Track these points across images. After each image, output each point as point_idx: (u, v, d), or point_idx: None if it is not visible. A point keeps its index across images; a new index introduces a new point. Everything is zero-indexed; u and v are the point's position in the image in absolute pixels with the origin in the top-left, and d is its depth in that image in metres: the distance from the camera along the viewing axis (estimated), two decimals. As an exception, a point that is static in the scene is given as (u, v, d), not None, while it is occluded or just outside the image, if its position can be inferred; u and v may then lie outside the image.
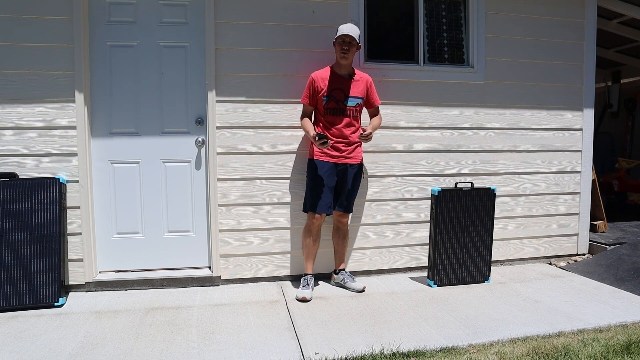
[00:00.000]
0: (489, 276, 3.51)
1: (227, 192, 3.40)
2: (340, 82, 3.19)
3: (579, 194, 4.09)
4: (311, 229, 3.25)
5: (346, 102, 3.19)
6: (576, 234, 4.12)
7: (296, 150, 3.48)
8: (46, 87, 3.12)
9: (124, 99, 3.33)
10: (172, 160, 3.43)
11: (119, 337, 2.52)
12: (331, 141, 3.09)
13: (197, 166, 3.46)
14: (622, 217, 5.34)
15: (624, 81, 7.22)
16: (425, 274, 3.65)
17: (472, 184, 3.52)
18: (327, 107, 3.17)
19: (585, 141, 4.07)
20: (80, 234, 3.22)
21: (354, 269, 3.61)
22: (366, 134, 3.10)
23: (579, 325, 2.68)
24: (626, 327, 2.65)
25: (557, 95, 3.98)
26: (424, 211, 3.70)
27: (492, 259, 3.64)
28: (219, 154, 3.37)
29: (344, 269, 3.40)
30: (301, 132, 3.42)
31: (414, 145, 3.69)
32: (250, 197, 3.43)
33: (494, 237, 3.64)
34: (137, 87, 3.34)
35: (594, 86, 4.08)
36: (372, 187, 3.63)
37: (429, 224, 3.48)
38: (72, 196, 3.19)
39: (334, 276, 3.42)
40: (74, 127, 3.17)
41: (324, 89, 3.16)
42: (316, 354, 2.33)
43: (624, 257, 3.78)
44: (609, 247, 4.02)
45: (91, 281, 3.26)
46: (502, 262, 3.97)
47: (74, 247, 3.22)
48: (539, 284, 3.44)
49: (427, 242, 3.60)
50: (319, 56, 3.43)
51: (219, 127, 3.36)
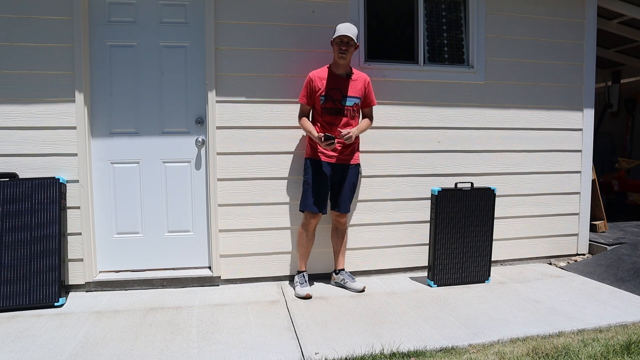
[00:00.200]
0: (489, 276, 3.51)
1: (227, 192, 3.40)
2: (338, 82, 3.19)
3: (579, 194, 4.09)
4: (308, 228, 3.25)
5: (344, 102, 3.19)
6: (576, 234, 4.12)
7: (293, 150, 3.48)
8: (46, 87, 3.12)
9: (124, 99, 3.33)
10: (172, 160, 3.43)
11: (119, 337, 2.52)
12: (336, 142, 3.10)
13: (197, 166, 3.46)
14: (622, 217, 5.34)
15: (624, 81, 7.22)
16: (425, 274, 3.65)
17: (472, 184, 3.52)
18: (325, 106, 3.17)
19: (585, 141, 4.07)
20: (80, 234, 3.22)
21: (354, 269, 3.61)
22: (345, 134, 3.04)
23: (579, 325, 2.68)
24: (626, 327, 2.65)
25: (557, 95, 3.98)
26: (424, 211, 3.70)
27: (492, 259, 3.64)
28: (219, 154, 3.37)
29: (343, 269, 3.40)
30: (301, 132, 3.42)
31: (414, 145, 3.69)
32: (250, 197, 3.43)
33: (494, 237, 3.63)
34: (137, 87, 3.34)
35: (594, 86, 4.08)
36: (372, 187, 3.63)
37: (429, 224, 3.48)
38: (72, 196, 3.19)
39: (334, 276, 3.42)
40: (74, 127, 3.17)
41: (321, 89, 3.15)
42: (316, 354, 2.33)
43: (624, 257, 3.78)
44: (609, 247, 4.02)
45: (91, 281, 3.26)
46: (502, 262, 3.97)
47: (74, 247, 3.22)
48: (539, 284, 3.44)
49: (427, 242, 3.60)
50: (319, 56, 3.43)
51: (219, 127, 3.36)
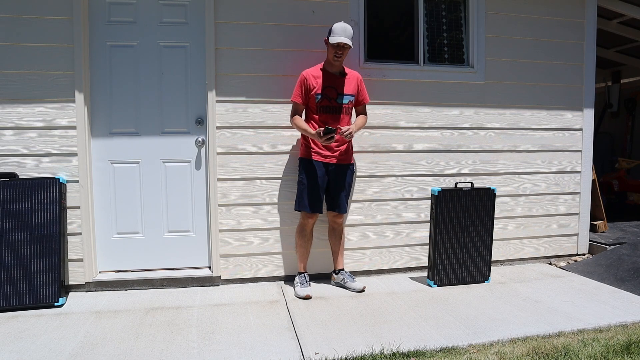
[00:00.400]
0: (489, 276, 3.51)
1: (227, 192, 3.40)
2: (333, 80, 3.18)
3: (579, 194, 4.09)
4: (305, 228, 3.26)
5: (339, 100, 3.19)
6: (576, 234, 4.12)
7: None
8: (46, 87, 3.12)
9: (124, 99, 3.33)
10: (172, 160, 3.43)
11: (119, 337, 2.52)
12: (337, 136, 3.06)
13: (197, 166, 3.46)
14: (622, 217, 5.34)
15: (624, 81, 7.22)
16: (425, 274, 3.65)
17: (472, 184, 3.52)
18: (321, 105, 3.16)
19: (585, 141, 4.07)
20: (80, 234, 3.22)
21: (354, 269, 3.61)
22: (345, 130, 3.04)
23: (579, 325, 2.68)
24: (626, 327, 2.65)
25: (557, 95, 3.98)
26: (424, 211, 3.70)
27: (492, 259, 3.63)
28: (219, 154, 3.37)
29: (343, 269, 3.40)
30: (301, 132, 3.43)
31: (414, 145, 3.69)
32: (250, 197, 3.43)
33: (494, 237, 3.63)
34: (137, 87, 3.34)
35: (594, 86, 4.07)
36: (372, 187, 3.63)
37: (429, 224, 3.48)
38: (72, 196, 3.19)
39: (334, 276, 3.42)
40: (74, 127, 3.17)
41: (316, 87, 3.14)
42: (316, 354, 2.33)
43: (624, 257, 3.78)
44: (609, 247, 4.02)
45: (91, 281, 3.26)
46: (502, 262, 3.97)
47: (74, 247, 3.22)
48: (539, 284, 3.44)
49: (427, 242, 3.60)
50: (318, 56, 3.42)
51: (219, 127, 3.36)
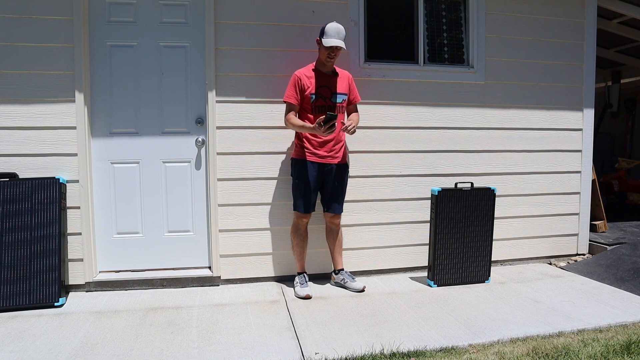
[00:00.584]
0: (489, 276, 3.51)
1: (227, 192, 3.40)
2: (326, 80, 3.18)
3: (579, 194, 4.09)
4: (299, 227, 3.26)
5: (334, 99, 3.18)
6: (576, 234, 4.12)
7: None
8: (46, 87, 3.12)
9: (124, 99, 3.33)
10: (172, 160, 3.43)
11: (119, 337, 2.52)
12: (337, 123, 2.99)
13: (197, 166, 3.46)
14: (622, 217, 5.34)
15: (624, 81, 7.22)
16: (425, 274, 3.65)
17: (472, 184, 3.52)
18: (316, 104, 3.14)
19: (585, 141, 4.07)
20: (80, 234, 3.22)
21: (354, 269, 3.61)
22: (351, 127, 3.01)
23: (579, 325, 2.68)
24: (626, 327, 2.65)
25: (557, 95, 3.98)
26: (424, 211, 3.70)
27: (492, 259, 3.63)
28: (219, 154, 3.37)
29: (343, 269, 3.40)
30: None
31: (414, 145, 3.69)
32: (250, 197, 3.43)
33: (494, 237, 3.63)
34: (137, 87, 3.34)
35: (594, 86, 4.07)
36: (372, 187, 3.63)
37: (429, 224, 3.48)
38: (72, 196, 3.19)
39: (334, 276, 3.42)
40: (74, 127, 3.17)
41: (310, 87, 3.12)
42: (316, 354, 2.33)
43: (624, 257, 3.78)
44: (609, 247, 4.02)
45: (91, 281, 3.26)
46: (502, 262, 3.97)
47: (74, 247, 3.22)
48: (539, 284, 3.44)
49: (427, 242, 3.60)
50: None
51: (219, 127, 3.36)
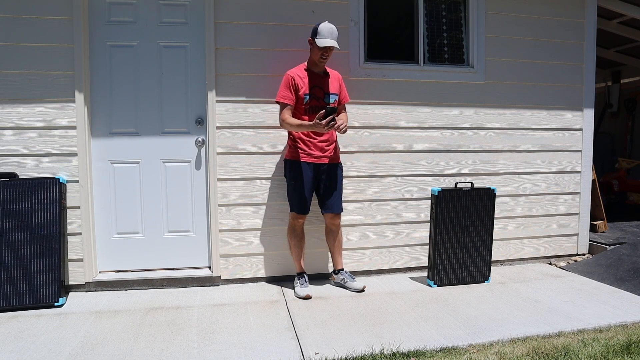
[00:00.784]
0: (489, 276, 3.51)
1: (227, 192, 3.40)
2: (319, 80, 3.17)
3: (579, 194, 4.09)
4: (295, 228, 3.26)
5: (326, 99, 3.18)
6: (576, 234, 4.12)
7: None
8: (46, 87, 3.12)
9: (124, 99, 3.33)
10: (172, 160, 3.43)
11: (119, 337, 2.52)
12: (336, 117, 2.96)
13: (197, 166, 3.46)
14: (622, 217, 5.34)
15: (624, 81, 7.22)
16: (425, 274, 3.65)
17: (472, 184, 3.52)
18: (311, 105, 3.13)
19: (585, 141, 4.07)
20: (80, 234, 3.22)
21: (354, 269, 3.61)
22: (343, 126, 2.97)
23: (579, 325, 2.68)
24: (626, 327, 2.65)
25: (557, 95, 3.98)
26: (424, 211, 3.70)
27: (492, 259, 3.63)
28: (219, 154, 3.37)
29: (343, 269, 3.40)
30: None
31: (414, 145, 3.69)
32: (250, 197, 3.43)
33: (494, 237, 3.63)
34: (137, 87, 3.34)
35: (594, 86, 4.07)
36: (372, 187, 3.63)
37: (429, 224, 3.48)
38: (72, 196, 3.19)
39: (334, 276, 3.42)
40: (74, 127, 3.17)
41: (304, 87, 3.11)
42: (316, 354, 2.33)
43: (624, 257, 3.78)
44: (609, 247, 4.02)
45: (91, 281, 3.26)
46: (502, 262, 3.97)
47: (74, 247, 3.22)
48: (539, 284, 3.44)
49: (427, 242, 3.60)
50: (319, 56, 3.43)
51: (219, 127, 3.36)
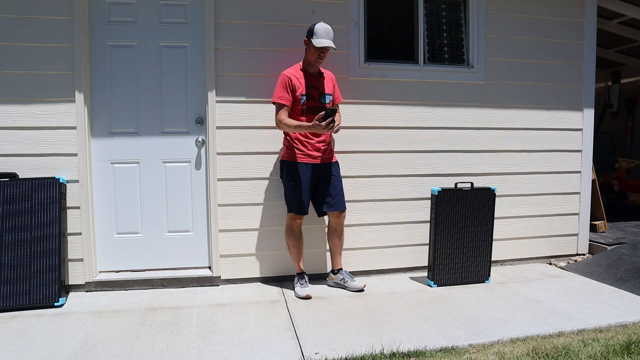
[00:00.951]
0: (489, 276, 3.51)
1: (227, 192, 3.40)
2: (314, 80, 3.17)
3: (579, 194, 4.09)
4: (293, 228, 3.25)
5: (322, 100, 3.18)
6: (576, 234, 4.12)
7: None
8: (46, 87, 3.12)
9: (124, 99, 3.33)
10: (172, 160, 3.43)
11: (119, 337, 2.52)
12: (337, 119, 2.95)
13: (197, 166, 3.46)
14: (622, 217, 5.34)
15: (624, 81, 7.22)
16: (425, 274, 3.65)
17: (472, 184, 3.52)
18: (308, 105, 3.13)
19: (585, 141, 4.07)
20: (80, 234, 3.22)
21: (353, 269, 3.61)
22: (336, 126, 2.95)
23: (579, 325, 2.68)
24: (626, 327, 2.65)
25: (557, 95, 3.98)
26: (424, 211, 3.70)
27: (492, 259, 3.63)
28: (219, 154, 3.37)
29: (342, 268, 3.39)
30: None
31: (414, 145, 3.69)
32: (250, 197, 3.43)
33: (494, 237, 3.63)
34: (137, 87, 3.34)
35: (594, 86, 4.07)
36: (372, 187, 3.63)
37: (429, 224, 3.48)
38: (72, 196, 3.19)
39: (332, 276, 3.41)
40: (74, 127, 3.17)
41: (300, 88, 3.10)
42: (316, 354, 2.33)
43: (624, 257, 3.78)
44: (609, 247, 4.02)
45: (91, 281, 3.26)
46: (502, 262, 3.97)
47: (74, 247, 3.22)
48: (539, 284, 3.44)
49: (427, 242, 3.60)
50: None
51: (219, 127, 3.36)
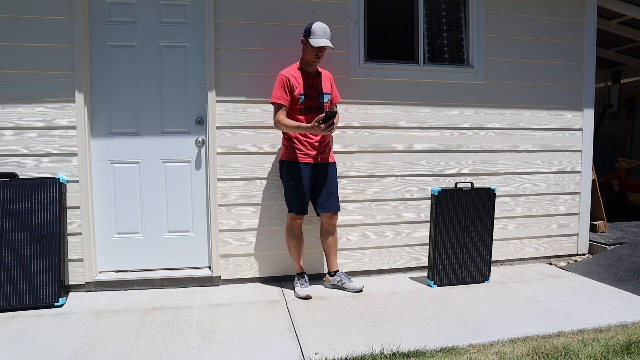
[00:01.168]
0: (489, 276, 3.51)
1: (227, 192, 3.40)
2: (312, 80, 3.17)
3: (579, 194, 4.09)
4: (294, 229, 3.25)
5: (321, 99, 3.18)
6: (576, 234, 4.12)
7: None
8: (46, 87, 3.12)
9: (124, 99, 3.33)
10: (172, 160, 3.43)
11: (119, 337, 2.52)
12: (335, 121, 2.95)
13: (197, 166, 3.46)
14: (622, 217, 5.34)
15: (624, 81, 7.22)
16: (425, 274, 3.65)
17: (472, 184, 3.52)
18: (306, 105, 3.12)
19: (585, 141, 4.07)
20: (80, 234, 3.22)
21: (353, 269, 3.61)
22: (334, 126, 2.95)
23: (579, 325, 2.68)
24: (626, 327, 2.65)
25: (557, 95, 3.98)
26: (424, 211, 3.70)
27: (492, 259, 3.64)
28: (219, 154, 3.37)
29: (338, 270, 3.38)
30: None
31: (414, 145, 3.69)
32: (250, 197, 3.43)
33: (494, 237, 3.63)
34: (137, 87, 3.34)
35: (594, 86, 4.07)
36: (372, 187, 3.63)
37: (429, 224, 3.48)
38: (72, 196, 3.19)
39: (329, 278, 3.38)
40: (74, 127, 3.17)
41: (298, 87, 3.09)
42: (316, 354, 2.33)
43: (624, 257, 3.78)
44: (609, 247, 4.02)
45: (91, 281, 3.26)
46: (502, 262, 3.97)
47: (74, 247, 3.22)
48: (539, 284, 3.44)
49: (427, 242, 3.60)
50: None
51: (219, 127, 3.36)
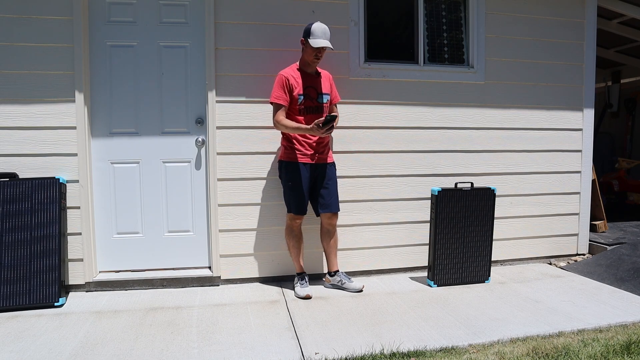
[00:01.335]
0: (489, 276, 3.51)
1: (227, 192, 3.40)
2: (312, 80, 3.17)
3: (579, 194, 4.09)
4: (293, 229, 3.25)
5: (320, 100, 3.18)
6: (576, 234, 4.12)
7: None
8: (46, 87, 3.12)
9: (124, 99, 3.33)
10: (172, 160, 3.43)
11: (119, 337, 2.52)
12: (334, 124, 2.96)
13: (197, 166, 3.46)
14: (622, 217, 5.34)
15: (624, 81, 7.22)
16: (425, 274, 3.65)
17: (472, 184, 3.52)
18: (305, 105, 3.12)
19: (585, 141, 4.07)
20: (80, 234, 3.22)
21: (353, 269, 3.61)
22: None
23: (579, 325, 2.68)
24: (626, 327, 2.65)
25: (557, 95, 3.98)
26: (424, 211, 3.70)
27: (492, 259, 3.64)
28: (219, 154, 3.37)
29: (338, 270, 3.38)
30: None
31: (414, 145, 3.69)
32: (250, 197, 3.43)
33: (494, 237, 3.64)
34: (137, 87, 3.34)
35: (594, 86, 4.08)
36: (372, 187, 3.63)
37: (429, 224, 3.48)
38: (72, 196, 3.19)
39: (329, 278, 3.39)
40: (74, 127, 3.17)
41: (297, 88, 3.09)
42: (316, 354, 2.33)
43: (624, 257, 3.78)
44: (609, 247, 4.02)
45: (91, 281, 3.26)
46: (502, 262, 3.97)
47: (74, 247, 3.22)
48: (539, 284, 3.44)
49: (427, 242, 3.61)
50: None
51: (219, 127, 3.36)
